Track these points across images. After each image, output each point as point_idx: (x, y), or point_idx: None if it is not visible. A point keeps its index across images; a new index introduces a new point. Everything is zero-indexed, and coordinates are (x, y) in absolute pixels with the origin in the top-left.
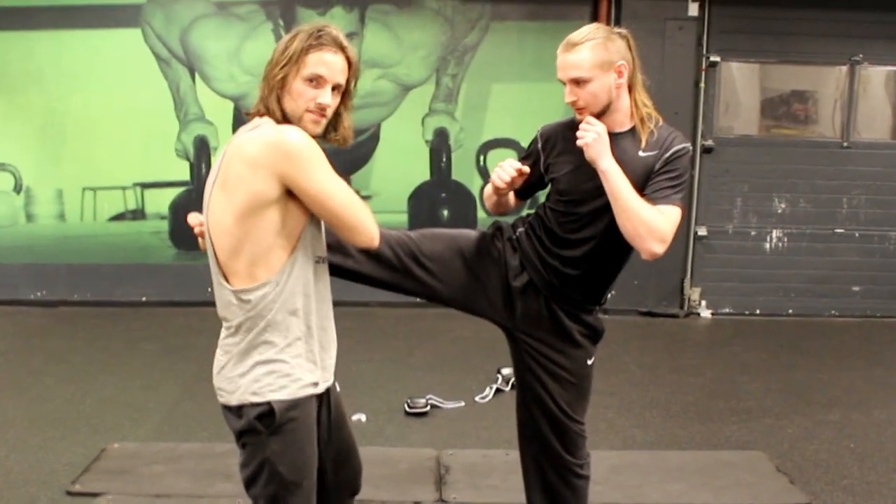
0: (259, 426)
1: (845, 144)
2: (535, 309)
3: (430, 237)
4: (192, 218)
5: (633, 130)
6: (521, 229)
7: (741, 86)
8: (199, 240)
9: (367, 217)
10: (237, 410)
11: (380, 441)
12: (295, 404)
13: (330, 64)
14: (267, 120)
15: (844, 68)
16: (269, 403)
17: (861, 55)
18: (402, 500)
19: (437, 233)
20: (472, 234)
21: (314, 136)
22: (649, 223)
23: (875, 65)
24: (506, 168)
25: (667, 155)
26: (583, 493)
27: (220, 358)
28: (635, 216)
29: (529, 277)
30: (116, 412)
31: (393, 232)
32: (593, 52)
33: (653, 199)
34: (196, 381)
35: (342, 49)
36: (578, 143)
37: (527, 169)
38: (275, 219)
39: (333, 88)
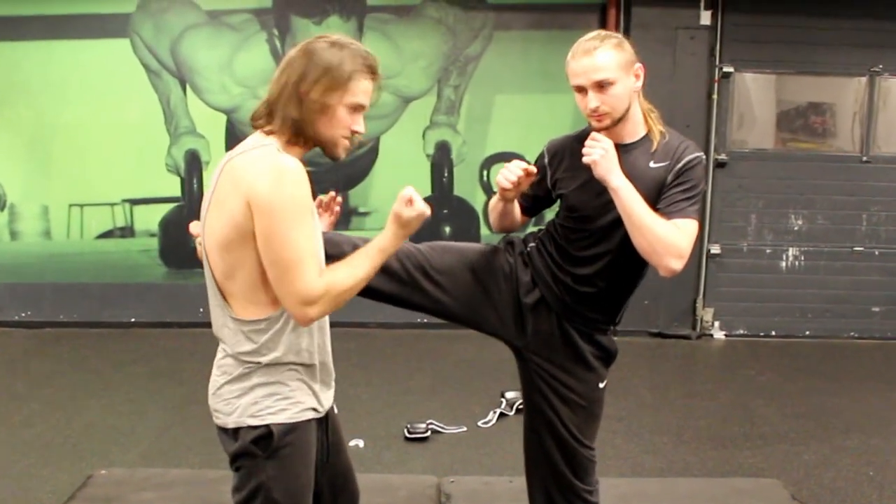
0: (255, 450)
1: (865, 158)
2: (546, 328)
3: (439, 250)
4: (194, 227)
5: (644, 139)
6: (532, 244)
7: (756, 98)
8: (198, 247)
9: (306, 281)
10: (233, 433)
11: (378, 468)
12: (293, 428)
13: (370, 93)
14: (272, 141)
15: (864, 79)
16: (267, 426)
17: (881, 66)
18: None
19: (447, 246)
20: (483, 247)
21: (340, 159)
22: (665, 239)
23: None
24: (512, 169)
25: (679, 166)
26: None
27: (216, 378)
28: (650, 233)
29: (541, 294)
30: (103, 437)
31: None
32: (617, 53)
33: (667, 214)
34: (186, 404)
35: (376, 76)
36: (585, 160)
37: (534, 169)
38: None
39: None
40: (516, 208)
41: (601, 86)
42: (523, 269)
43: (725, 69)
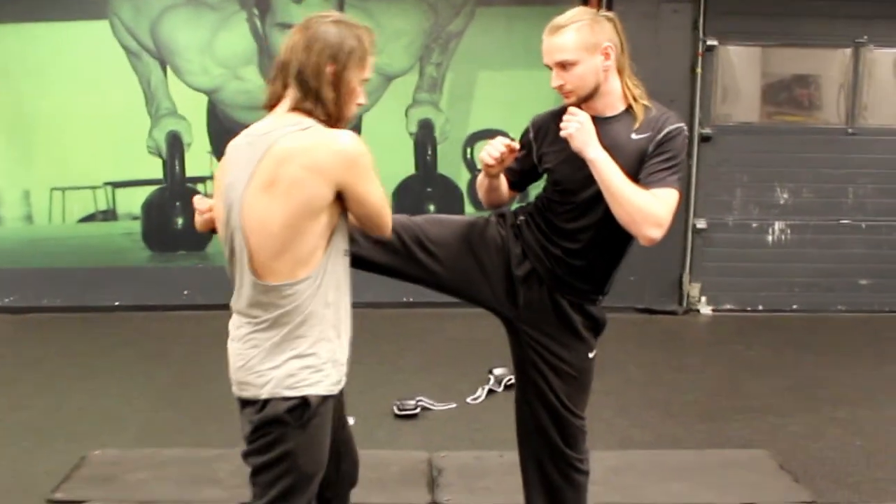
0: (288, 418)
1: (850, 131)
2: (537, 299)
3: (434, 222)
4: (200, 202)
5: (625, 113)
6: (521, 218)
7: (740, 71)
8: (198, 218)
9: (389, 214)
10: (263, 403)
11: (369, 444)
12: (325, 399)
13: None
14: (312, 121)
15: (848, 51)
16: (304, 398)
17: (866, 37)
18: (395, 502)
19: (442, 218)
20: (476, 220)
21: None
22: (643, 209)
23: (881, 47)
24: (495, 145)
25: (659, 136)
26: (583, 489)
27: (245, 352)
28: (628, 203)
29: (532, 266)
30: (95, 420)
31: (398, 217)
32: (579, 35)
33: (647, 184)
34: (175, 386)
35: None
36: (562, 133)
37: (517, 146)
38: (323, 221)
39: None
40: (503, 183)
41: (563, 66)
42: (514, 242)
43: (709, 42)
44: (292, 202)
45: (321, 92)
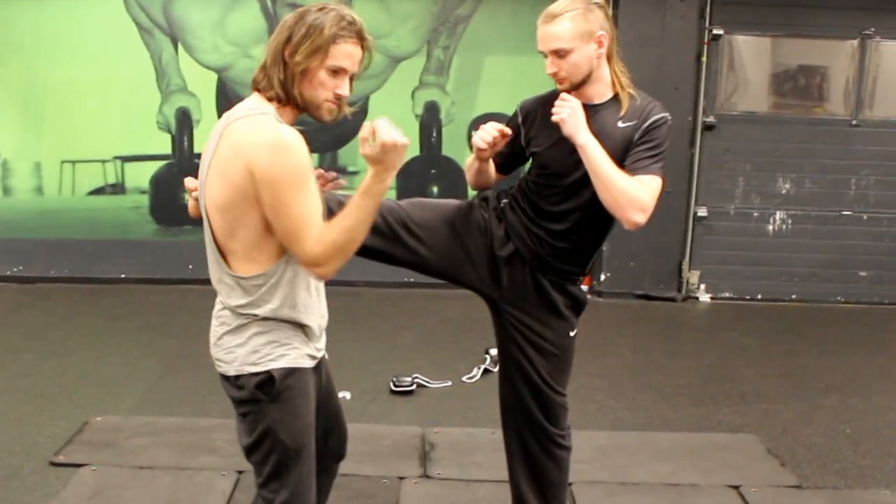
0: (259, 394)
1: (854, 122)
2: (520, 279)
3: (419, 205)
4: (190, 182)
5: (613, 100)
6: (504, 200)
7: (745, 60)
8: (191, 202)
9: (312, 239)
10: (235, 380)
11: (364, 419)
12: (292, 371)
13: (353, 56)
14: (271, 109)
15: (855, 42)
16: (268, 372)
17: (873, 29)
18: (387, 475)
19: (426, 202)
20: (460, 203)
21: (326, 122)
22: (628, 193)
23: (887, 39)
24: (487, 129)
25: (645, 125)
26: (564, 464)
27: (216, 328)
28: (614, 187)
29: (515, 247)
30: (97, 387)
31: (385, 201)
32: (574, 23)
33: (632, 170)
34: (177, 357)
35: (363, 41)
36: (553, 118)
37: (509, 131)
38: (263, 218)
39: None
40: (491, 166)
41: (558, 53)
42: (497, 224)
43: (715, 31)
44: (225, 185)
45: (271, 71)
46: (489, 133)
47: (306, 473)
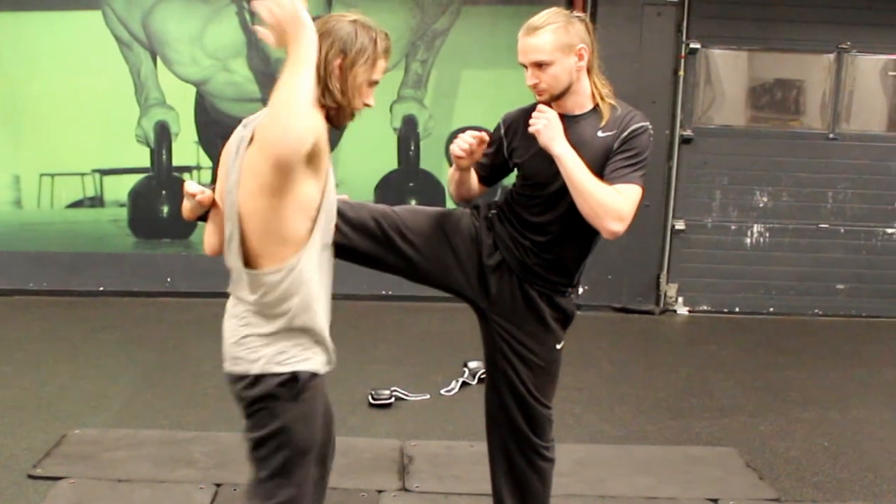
0: (281, 392)
1: (831, 136)
2: (508, 290)
3: (412, 212)
4: (191, 185)
5: (593, 112)
6: (493, 210)
7: (722, 74)
8: (186, 204)
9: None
10: (254, 378)
11: (343, 431)
12: (314, 375)
13: (384, 71)
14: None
15: (831, 56)
16: (293, 373)
17: (849, 43)
18: (365, 488)
19: (420, 208)
20: (452, 211)
21: (342, 127)
22: (606, 203)
23: (863, 52)
24: (465, 138)
25: (624, 134)
26: (548, 476)
27: (238, 328)
28: (591, 197)
29: (503, 257)
30: (76, 400)
31: (377, 206)
32: (555, 36)
33: (611, 179)
34: (155, 370)
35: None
36: (530, 130)
37: (486, 137)
38: (297, 200)
39: None
40: (473, 178)
41: (539, 66)
42: (486, 233)
43: (692, 45)
44: (253, 178)
45: (329, 82)
46: (466, 141)
47: (309, 476)
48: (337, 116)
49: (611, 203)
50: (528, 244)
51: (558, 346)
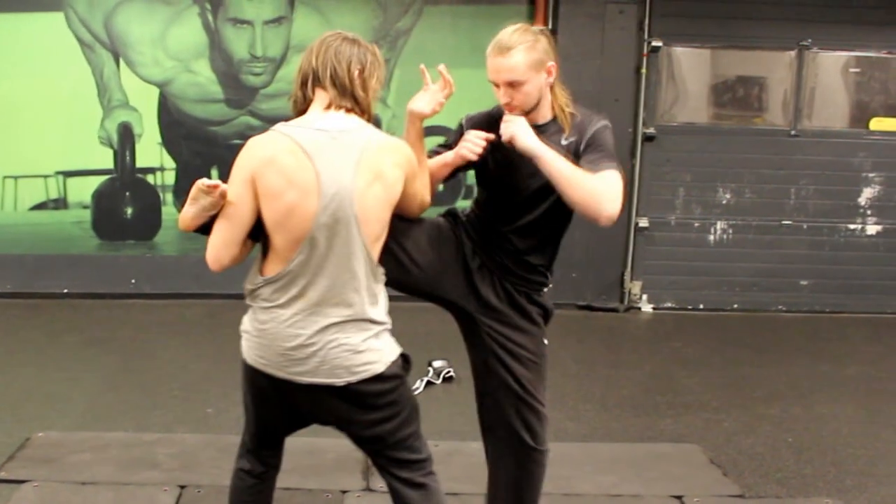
0: (404, 371)
1: (793, 132)
2: (492, 290)
3: (406, 222)
4: (209, 181)
5: (553, 121)
6: (465, 217)
7: (685, 72)
8: (196, 208)
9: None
10: (383, 374)
11: (307, 432)
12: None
13: None
14: (363, 121)
15: (793, 53)
16: (403, 354)
17: (810, 40)
18: (329, 489)
19: (409, 220)
20: (434, 219)
21: None
22: (597, 188)
23: (825, 50)
24: (476, 141)
25: (588, 136)
26: (544, 471)
27: (353, 340)
28: (581, 186)
29: (482, 261)
30: (40, 402)
31: None
32: (527, 55)
33: (590, 171)
34: (119, 372)
35: None
36: (504, 139)
37: (493, 137)
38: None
39: None
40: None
41: (512, 85)
42: (466, 238)
43: (654, 43)
44: (389, 193)
45: (356, 93)
46: (478, 144)
47: None
48: (367, 120)
49: (602, 187)
50: (504, 250)
51: (546, 341)
